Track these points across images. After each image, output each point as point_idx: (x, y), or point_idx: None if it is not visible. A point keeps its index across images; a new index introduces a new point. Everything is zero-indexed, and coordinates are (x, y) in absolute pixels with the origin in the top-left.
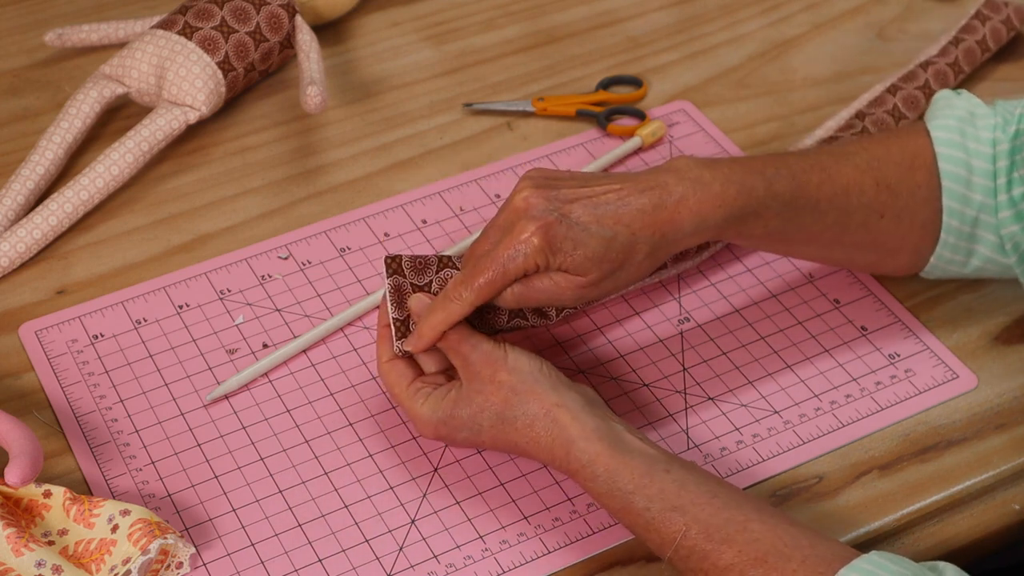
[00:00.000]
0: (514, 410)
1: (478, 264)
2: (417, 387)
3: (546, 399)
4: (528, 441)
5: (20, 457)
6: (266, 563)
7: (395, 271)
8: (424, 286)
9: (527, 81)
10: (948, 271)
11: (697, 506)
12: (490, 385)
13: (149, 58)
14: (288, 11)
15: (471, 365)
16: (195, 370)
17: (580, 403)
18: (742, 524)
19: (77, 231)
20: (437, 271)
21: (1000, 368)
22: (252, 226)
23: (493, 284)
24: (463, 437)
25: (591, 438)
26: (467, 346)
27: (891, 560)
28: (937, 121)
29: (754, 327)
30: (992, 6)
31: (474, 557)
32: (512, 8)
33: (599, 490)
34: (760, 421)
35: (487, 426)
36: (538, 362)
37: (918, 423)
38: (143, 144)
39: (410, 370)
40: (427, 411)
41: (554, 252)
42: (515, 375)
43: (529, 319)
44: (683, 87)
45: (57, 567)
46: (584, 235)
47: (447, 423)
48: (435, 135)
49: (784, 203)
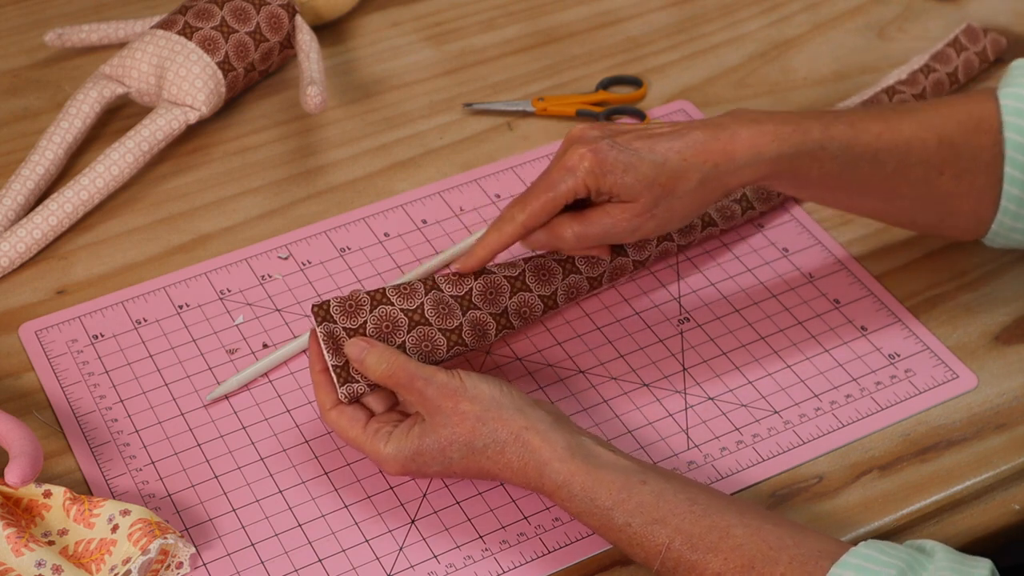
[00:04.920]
0: (483, 439)
1: (531, 187)
2: (375, 428)
3: (513, 423)
4: (500, 467)
5: (20, 457)
6: (266, 563)
7: (324, 318)
8: (358, 328)
9: (527, 81)
10: (1011, 239)
11: (678, 516)
12: (454, 417)
13: (149, 58)
14: (288, 11)
15: (429, 400)
16: (195, 370)
17: (548, 422)
18: (725, 530)
19: (77, 231)
20: (371, 309)
21: (1000, 368)
22: (252, 226)
23: (545, 206)
24: (434, 471)
25: (563, 457)
26: (420, 381)
27: (879, 550)
28: (1008, 89)
29: (754, 327)
30: (971, 35)
31: (474, 557)
32: (512, 8)
33: (578, 508)
34: (760, 421)
35: (457, 458)
36: (498, 385)
37: (918, 423)
38: (143, 144)
39: (361, 412)
40: (392, 451)
41: (604, 174)
42: (477, 403)
43: (468, 343)
44: (683, 87)
45: (57, 567)
46: (635, 158)
47: (415, 459)
48: (435, 135)
49: (841, 146)
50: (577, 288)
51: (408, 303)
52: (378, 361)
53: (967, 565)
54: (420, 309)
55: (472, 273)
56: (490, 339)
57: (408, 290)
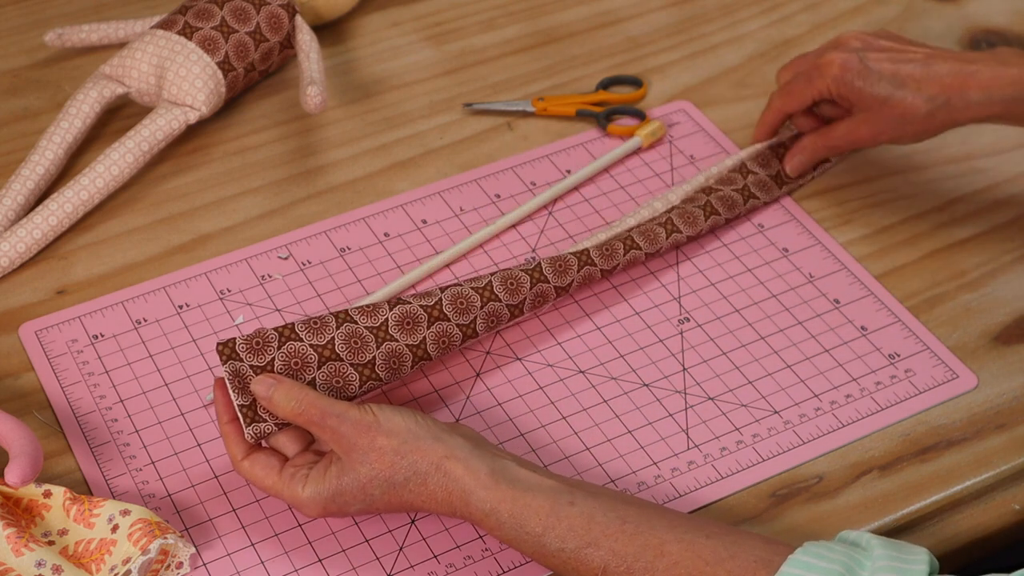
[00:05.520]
0: (403, 472)
1: (785, 75)
2: (290, 472)
3: (432, 453)
4: (424, 499)
5: (20, 457)
6: (266, 563)
7: (229, 356)
8: (265, 366)
9: (527, 81)
10: None
11: (610, 537)
12: (372, 453)
13: (149, 58)
14: (288, 11)
15: (343, 437)
16: (195, 370)
17: (467, 448)
18: (659, 548)
19: (77, 231)
20: (279, 346)
21: (1000, 368)
22: (252, 226)
23: (794, 90)
24: (356, 509)
25: (487, 484)
26: (333, 419)
27: (816, 555)
28: None
29: (754, 327)
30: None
31: (474, 557)
32: (512, 8)
33: (508, 536)
34: (760, 421)
35: (378, 494)
36: (411, 416)
37: (918, 423)
38: (143, 144)
39: (274, 459)
40: (310, 493)
41: (844, 83)
42: (394, 437)
43: (383, 377)
44: (683, 87)
45: (57, 567)
46: (876, 79)
47: (335, 500)
48: (435, 135)
49: None
50: (497, 316)
51: (318, 338)
52: (286, 398)
53: (904, 556)
54: (331, 344)
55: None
56: (406, 371)
57: (319, 324)
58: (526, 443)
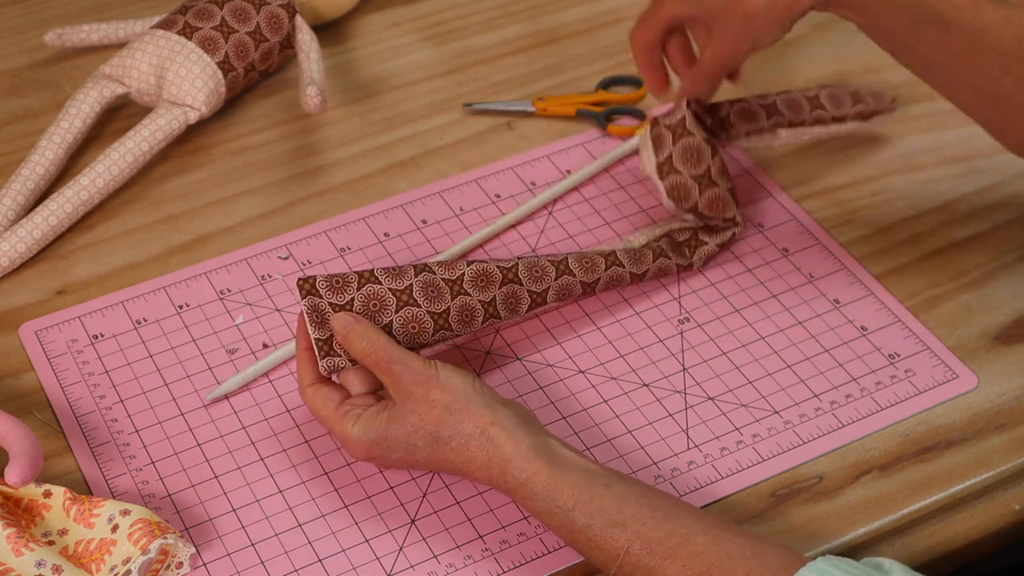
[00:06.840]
0: (448, 429)
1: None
2: (346, 409)
3: (480, 417)
4: (464, 461)
5: (20, 457)
6: (266, 563)
7: (309, 292)
8: (345, 305)
9: (527, 81)
10: None
11: (638, 521)
12: (424, 404)
13: (149, 58)
14: (288, 11)
15: (403, 384)
16: (195, 370)
17: (515, 421)
18: (684, 537)
19: (77, 231)
20: (359, 287)
21: (1000, 368)
22: (252, 226)
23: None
24: (397, 457)
25: (527, 456)
26: (398, 365)
27: (835, 566)
28: None
29: (754, 327)
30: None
31: (474, 557)
32: (512, 8)
33: (539, 508)
34: (760, 421)
35: (422, 446)
36: (470, 379)
37: (918, 423)
38: (143, 144)
39: (336, 393)
40: (359, 432)
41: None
42: (448, 393)
43: (454, 328)
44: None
45: (57, 567)
46: None
47: (380, 443)
48: (435, 135)
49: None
50: (569, 290)
51: (396, 283)
52: (361, 337)
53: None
54: (409, 290)
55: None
56: (476, 326)
57: (398, 271)
58: None
